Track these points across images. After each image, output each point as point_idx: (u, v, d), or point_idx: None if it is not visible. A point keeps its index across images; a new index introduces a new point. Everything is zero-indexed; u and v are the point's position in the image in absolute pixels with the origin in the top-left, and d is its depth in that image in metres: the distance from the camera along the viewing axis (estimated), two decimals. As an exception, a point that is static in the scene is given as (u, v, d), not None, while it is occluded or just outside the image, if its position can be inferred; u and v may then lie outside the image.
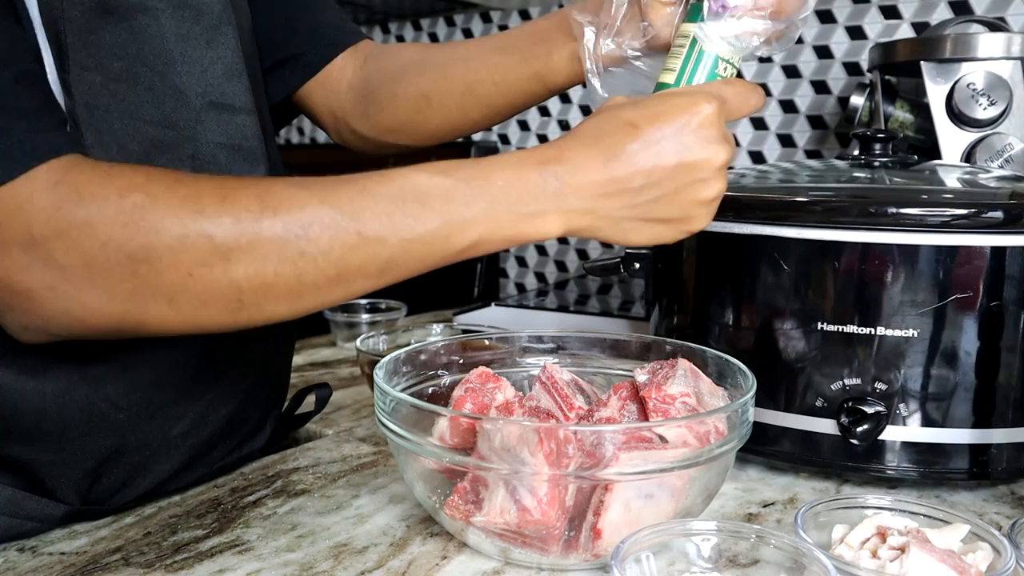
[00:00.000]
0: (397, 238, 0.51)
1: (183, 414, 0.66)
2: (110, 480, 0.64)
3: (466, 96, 0.76)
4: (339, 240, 0.50)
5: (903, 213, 0.62)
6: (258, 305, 0.50)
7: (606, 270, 0.85)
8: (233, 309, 0.50)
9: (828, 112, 1.37)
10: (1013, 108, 0.94)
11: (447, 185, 0.52)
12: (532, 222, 0.53)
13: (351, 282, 0.51)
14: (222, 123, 0.64)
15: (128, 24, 0.58)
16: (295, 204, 0.49)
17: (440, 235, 0.52)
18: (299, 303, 0.51)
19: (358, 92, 0.81)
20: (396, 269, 0.52)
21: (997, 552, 0.50)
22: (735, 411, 0.55)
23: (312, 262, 0.50)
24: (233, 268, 0.49)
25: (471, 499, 0.53)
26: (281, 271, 0.49)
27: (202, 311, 0.50)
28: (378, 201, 0.51)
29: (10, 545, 0.59)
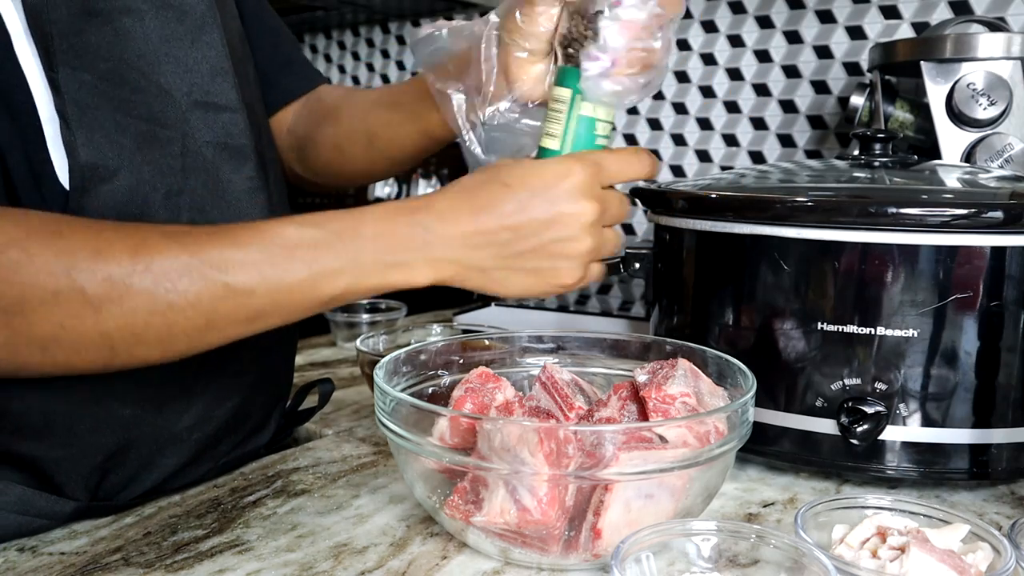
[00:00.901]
0: (265, 288, 0.53)
1: (188, 408, 0.67)
2: (118, 475, 0.65)
3: (368, 148, 0.79)
4: (207, 292, 0.52)
5: (903, 213, 0.62)
6: (129, 352, 0.53)
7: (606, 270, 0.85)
8: (106, 356, 0.53)
9: (828, 112, 1.37)
10: (1013, 108, 0.94)
11: (316, 237, 0.55)
12: (399, 271, 0.56)
13: (222, 330, 0.54)
14: (208, 121, 0.64)
15: (112, 26, 0.59)
16: (166, 258, 0.52)
17: (307, 285, 0.54)
18: (172, 349, 0.54)
19: (295, 135, 0.84)
20: (266, 317, 0.55)
21: (997, 552, 0.50)
22: (735, 411, 0.55)
23: (181, 313, 0.52)
24: (104, 319, 0.51)
25: (471, 499, 0.53)
26: (151, 322, 0.52)
27: (75, 358, 0.52)
28: (248, 253, 0.53)
29: (10, 545, 0.60)
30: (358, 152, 0.80)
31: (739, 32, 1.42)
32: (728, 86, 1.45)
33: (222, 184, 0.65)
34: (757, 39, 1.41)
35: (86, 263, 0.50)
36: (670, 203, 0.75)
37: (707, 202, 0.70)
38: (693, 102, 1.49)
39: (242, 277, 0.53)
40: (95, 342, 0.52)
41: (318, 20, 1.90)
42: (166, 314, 0.52)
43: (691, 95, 1.49)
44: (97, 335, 0.51)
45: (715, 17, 1.44)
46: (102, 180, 0.58)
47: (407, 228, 0.56)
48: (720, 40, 1.44)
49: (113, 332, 0.51)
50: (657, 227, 0.78)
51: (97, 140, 0.58)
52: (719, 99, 1.46)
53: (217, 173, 0.65)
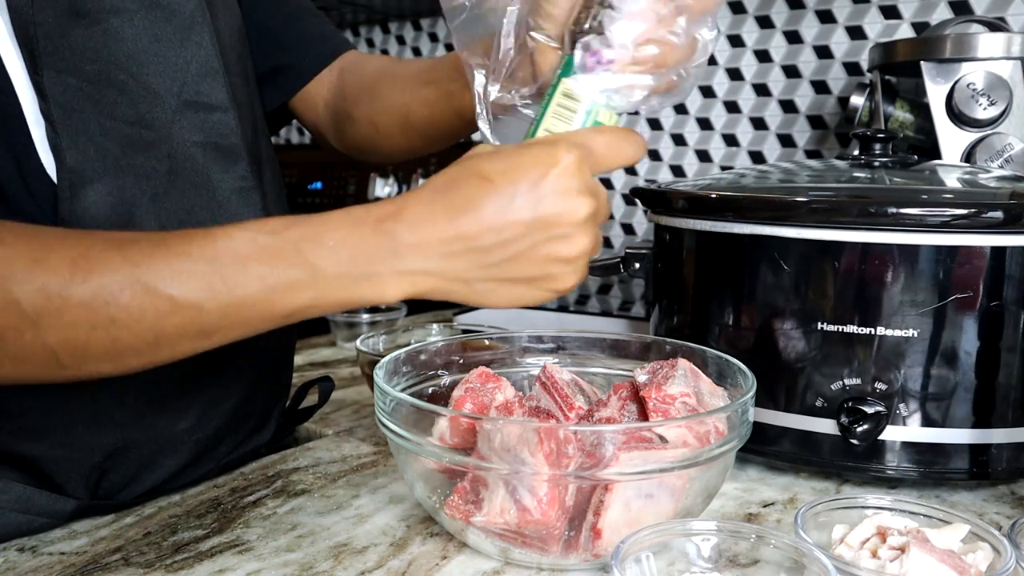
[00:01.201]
0: (215, 303, 0.49)
1: (187, 409, 0.67)
2: (117, 475, 0.65)
3: (404, 126, 0.77)
4: (151, 307, 0.48)
5: (903, 213, 0.62)
6: (79, 366, 0.50)
7: (606, 270, 0.85)
8: (53, 367, 0.50)
9: (828, 112, 1.37)
10: (1013, 108, 0.94)
11: (271, 247, 0.49)
12: (367, 286, 0.50)
13: (174, 346, 0.50)
14: (198, 122, 0.64)
15: (100, 27, 0.58)
16: (107, 269, 0.48)
17: (261, 299, 0.49)
18: (123, 364, 0.51)
19: (331, 110, 0.82)
20: (221, 332, 0.51)
21: (997, 552, 0.50)
22: (735, 411, 0.55)
23: (125, 328, 0.48)
24: (44, 333, 0.48)
25: (471, 499, 0.53)
26: (94, 337, 0.48)
27: (22, 368, 0.49)
28: (195, 264, 0.49)
29: (10, 545, 0.60)
30: (395, 130, 0.77)
31: (739, 32, 1.42)
32: (728, 86, 1.45)
33: (212, 185, 0.65)
34: (757, 39, 1.41)
35: (23, 274, 0.47)
36: (670, 203, 0.75)
37: (707, 202, 0.70)
38: (693, 102, 1.49)
39: (188, 291, 0.48)
40: (38, 355, 0.49)
41: (318, 20, 1.90)
42: (109, 329, 0.48)
43: (691, 95, 1.49)
44: (39, 348, 0.48)
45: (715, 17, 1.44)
46: (89, 183, 0.58)
47: (373, 237, 0.50)
48: (720, 40, 1.44)
49: (56, 346, 0.48)
50: (657, 227, 0.78)
51: (83, 144, 0.57)
52: (719, 99, 1.46)
53: (207, 174, 0.64)
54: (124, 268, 0.48)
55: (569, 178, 0.50)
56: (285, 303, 0.50)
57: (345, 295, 0.50)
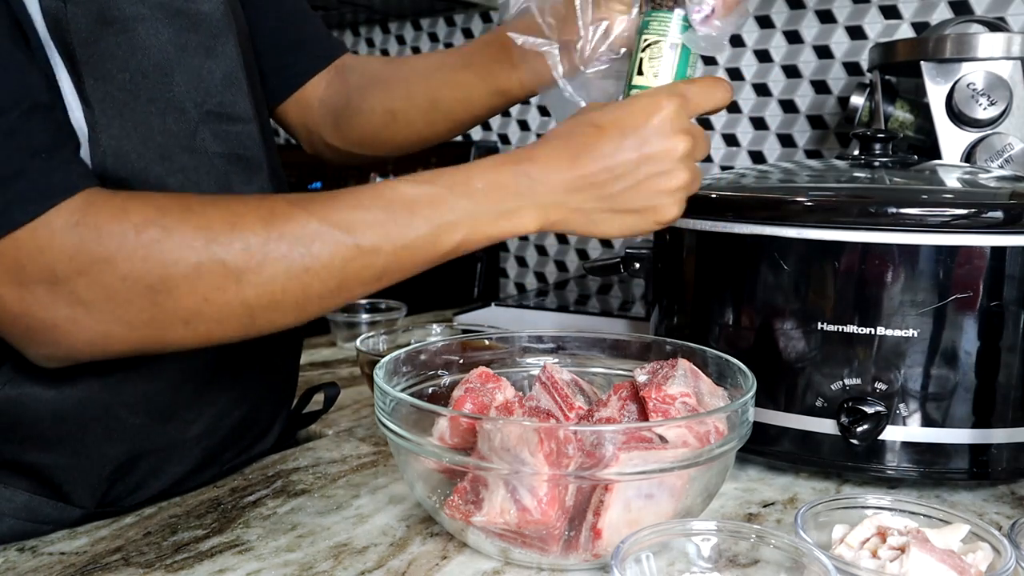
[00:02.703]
0: (391, 245, 0.55)
1: (197, 418, 0.67)
2: (125, 484, 0.65)
3: (430, 112, 0.79)
4: (339, 254, 0.54)
5: (903, 213, 0.62)
6: (268, 319, 0.55)
7: (606, 270, 0.85)
8: (245, 325, 0.54)
9: (828, 112, 1.37)
10: (1013, 108, 0.94)
11: (432, 193, 0.56)
12: (510, 219, 0.58)
13: (351, 289, 0.56)
14: (221, 133, 0.63)
15: (128, 35, 0.58)
16: (297, 225, 0.53)
17: (429, 239, 0.56)
18: (305, 312, 0.56)
19: (329, 106, 0.82)
20: (390, 274, 0.57)
21: (997, 552, 0.50)
22: (735, 411, 0.55)
23: (316, 276, 0.54)
24: (245, 289, 0.52)
25: (471, 499, 0.53)
26: (289, 287, 0.53)
27: (216, 329, 0.54)
28: (371, 213, 0.55)
29: (10, 545, 0.60)
30: (417, 117, 0.80)
31: (739, 32, 1.42)
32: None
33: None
34: (757, 39, 1.41)
35: (223, 235, 0.52)
36: (670, 203, 0.74)
37: (707, 202, 0.70)
38: (693, 102, 1.48)
39: (369, 236, 0.54)
40: (236, 312, 0.53)
41: (318, 20, 1.90)
42: (302, 278, 0.53)
43: (691, 95, 1.49)
44: (238, 304, 0.53)
45: None
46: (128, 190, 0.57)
47: (513, 178, 0.58)
48: (720, 40, 1.44)
49: (253, 300, 0.53)
50: (657, 227, 0.78)
51: (125, 151, 0.57)
52: (719, 99, 1.46)
53: (229, 186, 0.64)
54: (312, 222, 0.54)
55: (668, 121, 0.58)
56: (446, 240, 0.57)
57: (493, 229, 0.58)
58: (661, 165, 0.58)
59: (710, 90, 0.62)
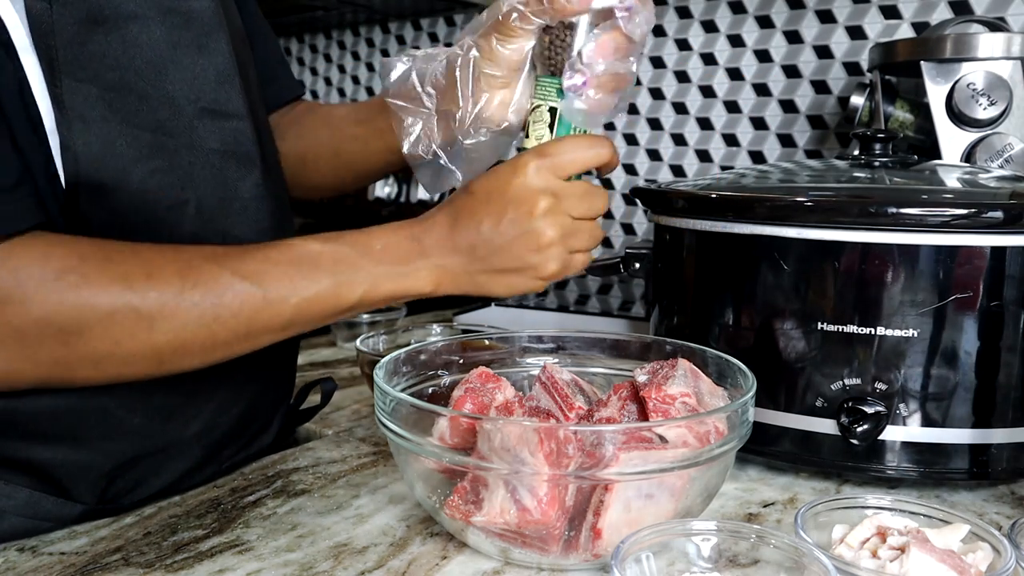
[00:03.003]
0: (297, 297, 0.59)
1: (196, 415, 0.67)
2: (125, 481, 0.65)
3: (333, 160, 0.82)
4: (248, 304, 0.58)
5: (903, 213, 0.62)
6: (176, 363, 0.58)
7: (606, 270, 0.85)
8: (152, 367, 0.58)
9: (828, 112, 1.37)
10: (1013, 108, 0.94)
11: (336, 251, 0.61)
12: (405, 279, 0.62)
13: (258, 337, 0.60)
14: (215, 129, 0.64)
15: (119, 34, 0.58)
16: (211, 276, 0.57)
17: (332, 293, 0.60)
18: (211, 357, 0.59)
19: None
20: (296, 325, 0.61)
21: (997, 552, 0.50)
22: (735, 411, 0.55)
23: (224, 325, 0.57)
24: (156, 335, 0.56)
25: (471, 499, 0.53)
26: (198, 334, 0.57)
27: (124, 371, 0.57)
28: (280, 267, 0.59)
29: (10, 545, 0.60)
30: (323, 165, 0.83)
31: (739, 32, 1.42)
32: (728, 86, 1.45)
33: (229, 193, 0.65)
34: (757, 39, 1.41)
35: (140, 284, 0.55)
36: (670, 203, 0.75)
37: (707, 202, 0.70)
38: (693, 102, 1.49)
39: (277, 288, 0.58)
40: (145, 356, 0.56)
41: (318, 20, 1.90)
42: (211, 326, 0.57)
43: (691, 95, 1.49)
44: (149, 349, 0.56)
45: (715, 17, 1.44)
46: (107, 192, 0.58)
47: (407, 242, 0.62)
48: (720, 40, 1.44)
49: (163, 346, 0.56)
50: (657, 227, 0.78)
51: (103, 153, 0.57)
52: (719, 99, 1.46)
53: (224, 182, 0.64)
54: (224, 273, 0.57)
55: (526, 182, 0.61)
56: (348, 295, 0.61)
57: (390, 287, 0.62)
58: (521, 226, 0.61)
59: (578, 146, 0.63)
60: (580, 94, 0.65)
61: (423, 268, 0.62)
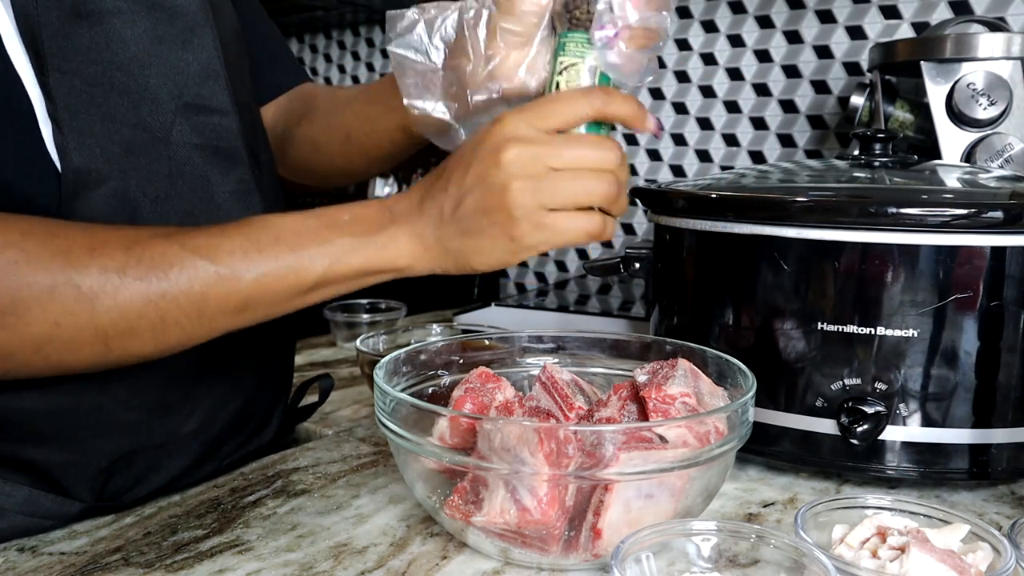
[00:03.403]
0: (252, 273, 0.55)
1: (192, 412, 0.67)
2: (123, 478, 0.65)
3: (345, 144, 0.79)
4: (198, 279, 0.53)
5: (903, 213, 0.62)
6: (123, 347, 0.54)
7: (606, 270, 0.85)
8: (100, 352, 0.53)
9: (828, 112, 1.37)
10: (1013, 108, 0.94)
11: (297, 223, 0.57)
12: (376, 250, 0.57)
13: (213, 319, 0.55)
14: (198, 125, 0.63)
15: (102, 28, 0.58)
16: (157, 250, 0.53)
17: (292, 269, 0.55)
18: (164, 340, 0.55)
19: (275, 133, 0.83)
20: (254, 306, 0.56)
21: (997, 552, 0.50)
22: (735, 411, 0.55)
23: (174, 302, 0.53)
24: (99, 314, 0.52)
25: (471, 499, 0.53)
26: (145, 312, 0.53)
27: (69, 356, 0.53)
28: (234, 241, 0.55)
29: (10, 545, 0.60)
30: (335, 149, 0.80)
31: (739, 32, 1.42)
32: (728, 86, 1.45)
33: (211, 188, 0.64)
34: (757, 39, 1.41)
35: (82, 259, 0.51)
36: (670, 203, 0.75)
37: (707, 202, 0.70)
38: (693, 102, 1.49)
39: (230, 262, 0.54)
40: (89, 338, 0.52)
41: (318, 20, 1.90)
42: (159, 304, 0.53)
43: (691, 95, 1.49)
44: (92, 330, 0.52)
45: (715, 17, 1.44)
46: (93, 185, 0.58)
47: (377, 212, 0.58)
48: (720, 40, 1.44)
49: (107, 326, 0.52)
50: (657, 227, 0.78)
51: (88, 145, 0.57)
52: (719, 99, 1.46)
53: (207, 177, 0.64)
54: (172, 247, 0.53)
55: (500, 130, 0.55)
56: (310, 269, 0.56)
57: (357, 260, 0.57)
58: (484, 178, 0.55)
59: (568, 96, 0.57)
60: (612, 46, 0.58)
61: (394, 237, 0.57)
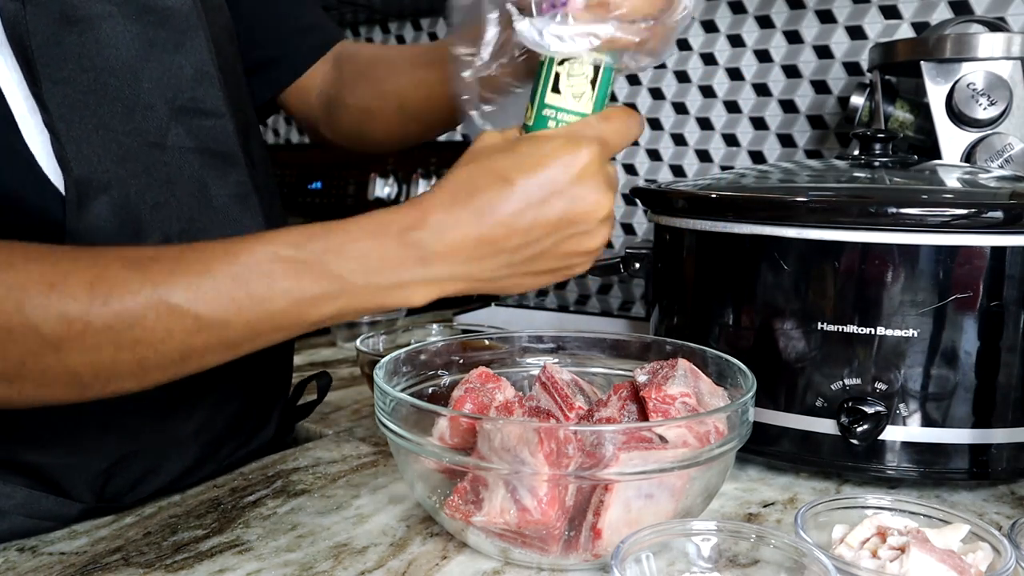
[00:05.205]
0: (241, 319, 0.48)
1: (192, 413, 0.67)
2: (123, 479, 0.65)
3: (400, 111, 0.75)
4: (178, 327, 0.47)
5: (903, 213, 0.62)
6: (103, 387, 0.49)
7: (606, 270, 0.85)
8: (77, 389, 0.49)
9: (828, 112, 1.37)
10: (1013, 108, 0.94)
11: (296, 261, 0.49)
12: (394, 294, 0.50)
13: (201, 358, 0.50)
14: (193, 128, 0.63)
15: (92, 33, 0.57)
16: (128, 291, 0.47)
17: (290, 314, 0.49)
18: (148, 380, 0.50)
19: (324, 98, 0.81)
20: (249, 343, 0.50)
21: (997, 552, 0.50)
22: (735, 411, 0.55)
23: (150, 348, 0.48)
24: (66, 357, 0.47)
25: (471, 499, 0.53)
26: (120, 358, 0.47)
27: (45, 392, 0.48)
28: (219, 282, 0.48)
29: (10, 545, 0.60)
30: (390, 116, 0.76)
31: (739, 32, 1.42)
32: (728, 86, 1.45)
33: (209, 192, 0.64)
34: (757, 39, 1.41)
35: (39, 299, 0.46)
36: (670, 203, 0.75)
37: (707, 202, 0.70)
38: (693, 102, 1.49)
39: (215, 308, 0.48)
40: (62, 379, 0.48)
41: (318, 20, 1.90)
42: (134, 350, 0.47)
43: (691, 95, 1.49)
44: (62, 371, 0.47)
45: (715, 17, 1.44)
46: (95, 194, 0.57)
47: (399, 248, 0.49)
48: (720, 40, 1.44)
49: (80, 369, 0.47)
50: (657, 227, 0.78)
51: (86, 155, 0.56)
52: (719, 99, 1.46)
53: (204, 181, 0.63)
54: (145, 289, 0.47)
55: (592, 176, 0.51)
56: (313, 314, 0.50)
57: (373, 303, 0.50)
58: (583, 226, 0.51)
59: (626, 127, 0.54)
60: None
61: (420, 280, 0.50)
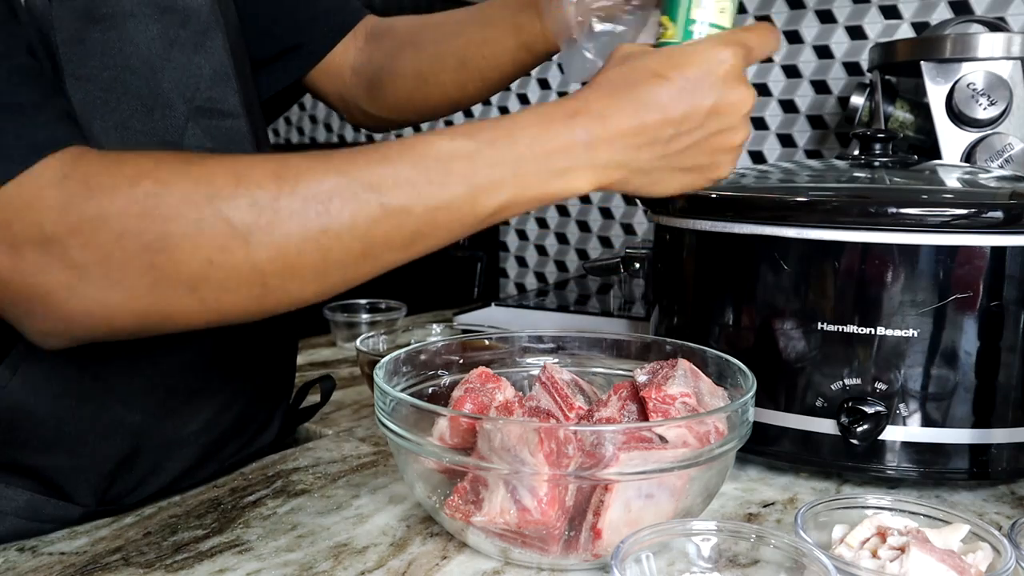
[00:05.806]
0: (422, 207, 0.49)
1: (195, 414, 0.67)
2: (125, 481, 0.65)
3: (460, 72, 0.75)
4: (362, 213, 0.48)
5: (903, 213, 0.62)
6: (283, 288, 0.49)
7: (606, 270, 0.85)
8: (258, 295, 0.48)
9: (828, 112, 1.37)
10: (1013, 108, 0.94)
11: (470, 148, 0.50)
12: (562, 179, 0.52)
13: (378, 256, 0.50)
14: (210, 129, 0.63)
15: (116, 31, 0.57)
16: (313, 180, 0.47)
17: (467, 200, 0.50)
18: (326, 281, 0.50)
19: (362, 74, 0.80)
20: (424, 240, 0.51)
21: (997, 552, 0.50)
22: (735, 411, 0.55)
23: (336, 238, 0.48)
24: (254, 251, 0.46)
25: (471, 499, 0.53)
26: (305, 249, 0.47)
27: (226, 299, 0.48)
28: (400, 169, 0.49)
29: (10, 545, 0.60)
30: (447, 78, 0.76)
31: None
32: (728, 86, 1.45)
33: None
34: (757, 39, 1.41)
35: (227, 189, 0.46)
36: (670, 203, 0.75)
37: (707, 202, 0.70)
38: (693, 102, 1.48)
39: (397, 195, 0.48)
40: (246, 278, 0.47)
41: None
42: (320, 240, 0.47)
43: (691, 95, 1.49)
44: (248, 269, 0.47)
45: (715, 17, 1.44)
46: None
47: (565, 133, 0.52)
48: (720, 40, 1.44)
49: (265, 264, 0.47)
50: (657, 227, 0.78)
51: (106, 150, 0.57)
52: (719, 99, 1.46)
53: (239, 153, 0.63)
54: (330, 176, 0.47)
55: (735, 72, 0.54)
56: (487, 202, 0.51)
57: (541, 191, 0.52)
58: (729, 120, 0.54)
59: (767, 37, 0.58)
60: None
61: (586, 166, 0.52)
